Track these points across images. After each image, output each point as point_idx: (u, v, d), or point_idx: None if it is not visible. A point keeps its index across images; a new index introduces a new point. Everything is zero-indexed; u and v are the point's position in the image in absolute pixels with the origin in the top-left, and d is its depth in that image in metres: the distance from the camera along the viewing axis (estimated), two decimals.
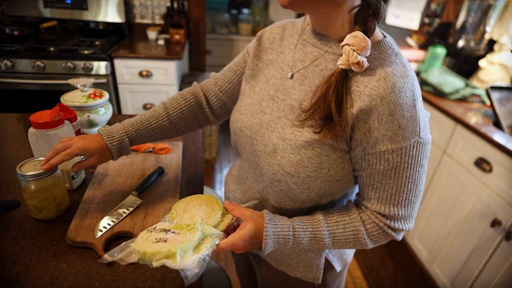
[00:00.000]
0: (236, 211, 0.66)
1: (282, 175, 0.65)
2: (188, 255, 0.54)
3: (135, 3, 2.54)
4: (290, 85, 0.67)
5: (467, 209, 1.54)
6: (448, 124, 1.67)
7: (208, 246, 0.57)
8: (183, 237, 0.56)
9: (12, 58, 1.90)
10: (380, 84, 0.56)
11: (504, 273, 1.35)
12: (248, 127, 0.72)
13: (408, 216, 0.64)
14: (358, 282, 1.86)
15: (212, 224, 0.63)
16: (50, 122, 0.77)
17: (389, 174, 0.60)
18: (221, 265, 1.90)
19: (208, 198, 0.69)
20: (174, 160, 1.01)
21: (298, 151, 0.63)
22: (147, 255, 0.53)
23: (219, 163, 2.89)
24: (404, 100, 0.56)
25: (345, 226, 0.66)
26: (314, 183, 0.65)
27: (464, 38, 2.06)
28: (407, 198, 0.62)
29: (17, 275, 0.62)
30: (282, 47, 0.73)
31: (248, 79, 0.78)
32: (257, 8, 3.90)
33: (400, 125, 0.56)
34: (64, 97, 1.04)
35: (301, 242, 0.66)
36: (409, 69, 0.59)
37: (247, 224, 0.64)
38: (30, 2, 2.23)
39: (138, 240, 0.57)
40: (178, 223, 0.62)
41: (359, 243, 0.67)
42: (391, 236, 0.65)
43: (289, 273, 0.80)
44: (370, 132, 0.58)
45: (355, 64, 0.55)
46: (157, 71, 2.16)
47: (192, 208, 0.67)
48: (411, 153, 0.58)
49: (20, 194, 0.82)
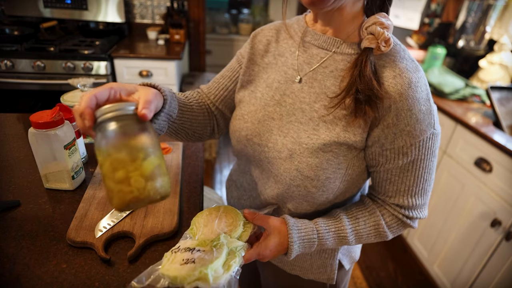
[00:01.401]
0: (258, 220, 0.66)
1: (301, 179, 0.64)
2: (219, 273, 0.53)
3: (135, 3, 2.54)
4: (298, 89, 0.66)
5: (467, 209, 1.54)
6: (448, 124, 1.67)
7: (236, 261, 0.56)
8: (210, 255, 0.55)
9: (12, 58, 1.90)
10: (397, 80, 0.57)
11: (504, 273, 1.36)
12: (256, 134, 0.70)
13: (423, 204, 0.66)
14: (358, 282, 1.86)
15: (236, 236, 0.62)
16: (50, 122, 0.77)
17: (407, 167, 0.61)
18: None
19: (226, 209, 0.68)
20: (174, 160, 1.01)
21: (316, 154, 0.62)
22: (178, 279, 0.51)
23: (219, 163, 2.89)
24: (420, 94, 0.57)
25: (365, 222, 0.67)
26: (333, 184, 0.65)
27: (464, 38, 2.06)
28: (422, 187, 0.64)
29: (17, 275, 0.62)
30: (279, 49, 0.72)
31: (245, 85, 0.75)
32: (257, 8, 3.90)
33: (418, 119, 0.57)
34: (64, 97, 1.04)
35: (325, 243, 0.67)
36: (417, 63, 0.60)
37: (271, 233, 0.64)
38: (30, 2, 2.23)
39: (164, 263, 0.55)
40: (200, 239, 0.61)
41: (379, 236, 0.69)
42: (408, 225, 0.68)
43: (303, 275, 0.80)
44: (389, 128, 0.58)
45: (385, 42, 0.56)
46: (157, 71, 2.16)
47: (212, 222, 0.65)
48: (427, 145, 0.60)
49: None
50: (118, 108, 0.48)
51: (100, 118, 0.48)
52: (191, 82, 2.59)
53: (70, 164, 0.83)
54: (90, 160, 0.99)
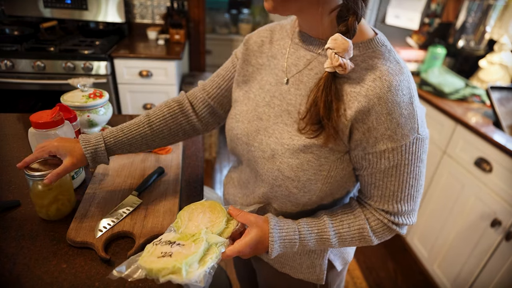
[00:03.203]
0: (241, 217, 0.66)
1: (282, 180, 0.65)
2: (194, 268, 0.54)
3: (135, 3, 2.54)
4: (286, 90, 0.67)
5: (467, 209, 1.54)
6: (448, 124, 1.67)
7: (213, 257, 0.57)
8: (188, 250, 0.56)
9: (12, 58, 1.90)
10: (376, 83, 0.55)
11: (504, 273, 1.35)
12: (245, 134, 0.71)
13: (411, 210, 0.64)
14: (358, 282, 1.86)
15: (217, 232, 0.63)
16: (50, 122, 0.77)
17: (391, 172, 0.60)
18: (221, 265, 1.90)
19: (212, 204, 0.69)
20: (174, 160, 1.01)
21: (297, 155, 0.62)
22: (153, 271, 0.53)
23: (219, 163, 2.89)
24: (401, 98, 0.56)
25: (350, 225, 0.66)
26: (315, 186, 0.65)
27: (464, 38, 2.06)
28: (409, 193, 0.62)
29: (17, 275, 0.62)
30: (272, 51, 0.72)
31: (240, 85, 0.76)
32: (257, 8, 3.90)
33: (399, 123, 0.56)
34: (64, 97, 1.04)
35: (307, 244, 0.67)
36: (403, 66, 0.58)
37: (252, 230, 0.64)
38: (30, 2, 2.23)
39: (144, 255, 0.57)
40: (183, 232, 0.62)
41: (364, 240, 0.67)
42: (395, 231, 0.66)
43: (292, 274, 0.80)
44: (370, 132, 0.57)
45: (338, 67, 0.55)
46: (157, 71, 2.16)
47: (196, 216, 0.66)
48: (411, 149, 0.58)
49: (26, 194, 0.82)
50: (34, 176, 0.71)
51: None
52: (191, 82, 2.59)
53: None
54: None
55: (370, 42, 0.59)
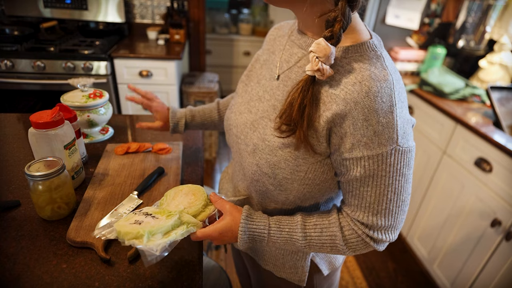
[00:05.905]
0: (218, 204, 0.68)
1: (260, 175, 0.66)
2: (156, 238, 0.58)
3: (135, 3, 2.54)
4: (276, 86, 0.67)
5: (467, 209, 1.54)
6: (448, 124, 1.67)
7: (178, 233, 0.60)
8: (156, 222, 0.60)
9: (12, 58, 1.90)
10: (355, 88, 0.54)
11: (504, 273, 1.36)
12: (235, 125, 0.73)
13: (389, 226, 0.61)
14: (358, 282, 1.86)
15: (193, 213, 0.66)
16: (50, 122, 0.77)
17: (367, 181, 0.58)
18: (221, 265, 1.90)
19: (196, 188, 0.72)
20: (174, 160, 1.01)
21: (275, 152, 0.62)
22: (121, 234, 0.58)
23: (219, 163, 2.89)
24: (380, 105, 0.53)
25: (322, 230, 0.65)
26: (291, 186, 0.64)
27: (464, 38, 2.06)
28: (387, 208, 0.59)
29: (17, 275, 0.62)
30: (273, 47, 0.74)
31: (243, 79, 0.80)
32: (257, 8, 3.90)
33: (375, 131, 0.54)
34: (64, 97, 1.04)
35: (276, 241, 0.67)
36: (390, 73, 0.56)
37: (226, 218, 0.66)
38: (30, 2, 2.23)
39: (122, 219, 0.62)
40: (163, 208, 0.66)
41: (336, 249, 0.65)
42: (371, 246, 0.63)
43: (276, 273, 0.80)
44: (346, 137, 0.56)
45: (317, 71, 0.54)
46: (157, 71, 2.16)
47: (180, 197, 0.70)
48: (388, 161, 0.56)
49: (26, 194, 0.82)
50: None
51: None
52: (191, 82, 2.59)
53: (70, 164, 0.83)
54: (90, 160, 0.99)
55: (360, 46, 0.58)
